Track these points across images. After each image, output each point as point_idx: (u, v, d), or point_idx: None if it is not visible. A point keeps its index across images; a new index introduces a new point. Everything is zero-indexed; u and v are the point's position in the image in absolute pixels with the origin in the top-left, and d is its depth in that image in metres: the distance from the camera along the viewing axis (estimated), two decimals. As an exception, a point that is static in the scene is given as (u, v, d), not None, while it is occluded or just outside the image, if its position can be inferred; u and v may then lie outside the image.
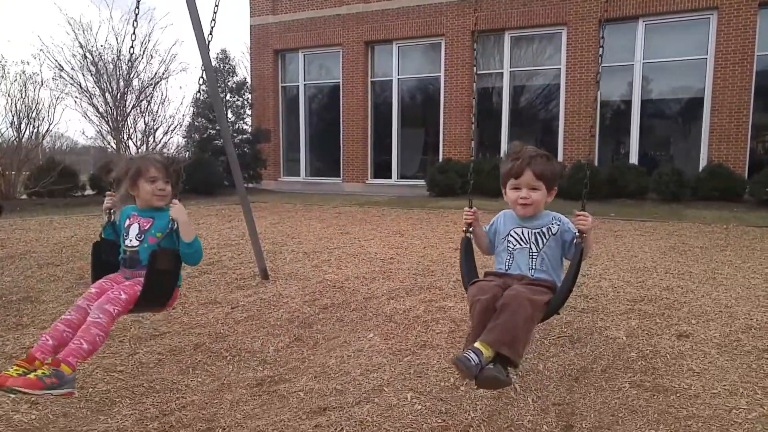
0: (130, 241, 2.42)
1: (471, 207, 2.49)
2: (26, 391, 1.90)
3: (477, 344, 1.98)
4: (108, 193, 2.56)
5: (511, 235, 2.37)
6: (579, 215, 2.24)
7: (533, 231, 2.33)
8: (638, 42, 12.52)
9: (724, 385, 2.57)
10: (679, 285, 4.42)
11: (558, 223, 2.33)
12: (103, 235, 2.53)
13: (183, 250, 2.36)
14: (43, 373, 1.94)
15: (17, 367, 2.00)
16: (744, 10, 11.44)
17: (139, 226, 2.43)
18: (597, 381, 2.65)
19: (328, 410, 2.39)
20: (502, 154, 13.86)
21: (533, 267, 2.29)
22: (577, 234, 2.25)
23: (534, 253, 2.30)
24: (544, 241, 2.31)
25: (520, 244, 2.33)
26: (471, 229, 2.48)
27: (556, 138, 13.38)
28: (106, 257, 2.50)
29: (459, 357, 1.94)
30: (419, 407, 2.40)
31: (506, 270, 2.34)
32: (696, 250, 5.98)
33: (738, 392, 2.50)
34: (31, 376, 1.93)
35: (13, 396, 2.15)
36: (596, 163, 12.43)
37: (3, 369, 2.77)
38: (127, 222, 2.47)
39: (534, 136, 14.22)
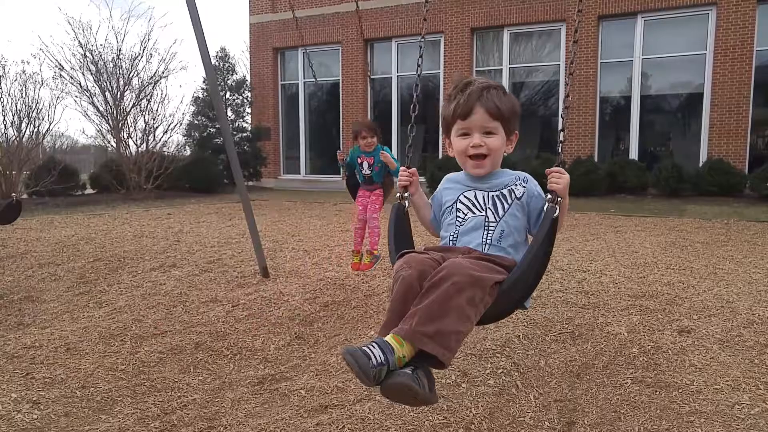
0: (366, 170, 4.39)
1: (409, 167, 1.96)
2: (366, 271, 4.47)
3: (388, 337, 1.41)
4: (339, 151, 4.62)
5: (460, 201, 1.78)
6: (552, 171, 1.67)
7: (490, 193, 1.75)
8: (637, 38, 12.50)
9: (727, 381, 2.57)
10: (680, 280, 4.41)
11: (524, 183, 1.75)
12: (346, 172, 4.53)
13: (393, 173, 4.25)
14: (369, 259, 4.40)
15: (355, 257, 4.47)
16: (743, 6, 11.41)
17: (368, 163, 4.36)
18: (598, 377, 2.65)
19: (329, 408, 2.39)
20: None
21: (487, 241, 1.69)
22: (548, 198, 1.65)
23: (491, 223, 1.71)
24: (505, 206, 1.72)
25: (473, 211, 1.74)
26: (407, 194, 1.93)
27: (556, 134, 13.35)
28: (352, 181, 4.54)
29: (352, 350, 1.34)
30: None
31: (452, 244, 1.75)
32: (697, 245, 5.98)
33: (740, 387, 2.50)
34: (366, 261, 4.42)
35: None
36: (596, 159, 12.42)
37: (4, 369, 2.78)
38: (359, 160, 4.39)
39: (534, 133, 14.20)
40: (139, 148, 13.29)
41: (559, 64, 13.37)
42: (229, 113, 15.88)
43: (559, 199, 1.64)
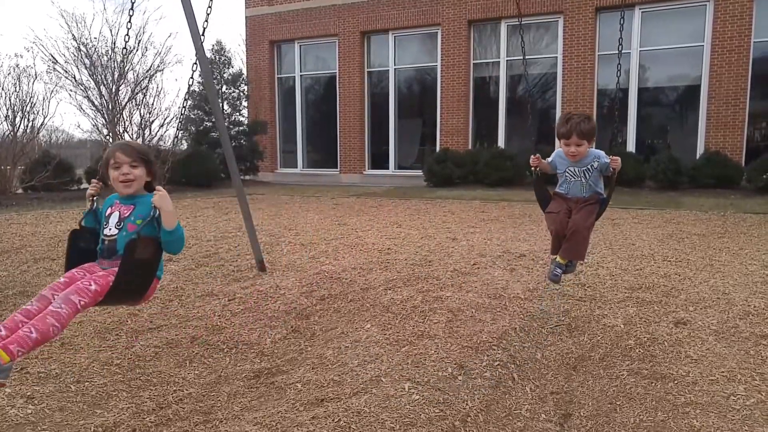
0: (109, 229, 2.29)
1: (535, 154, 3.29)
2: None
3: (558, 258, 3.17)
4: (93, 180, 2.43)
5: (567, 172, 3.25)
6: (613, 159, 3.12)
7: (581, 169, 3.20)
8: (634, 30, 12.45)
9: (722, 372, 2.57)
10: (677, 272, 4.42)
11: (597, 160, 3.19)
12: (83, 223, 2.37)
13: (164, 238, 2.24)
14: None
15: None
16: (741, -3, 11.38)
17: (119, 214, 2.31)
18: (595, 369, 2.65)
19: (325, 401, 2.38)
20: (500, 144, 13.84)
21: (584, 191, 3.23)
22: (611, 169, 3.13)
23: (584, 183, 3.22)
24: (589, 174, 3.20)
25: (574, 178, 3.24)
26: (538, 169, 3.32)
27: (554, 127, 13.33)
28: (85, 245, 2.35)
29: (551, 276, 3.18)
30: (417, 397, 2.39)
31: (566, 193, 3.27)
32: (693, 237, 5.98)
33: (736, 379, 2.50)
34: None
35: None
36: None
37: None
38: (109, 210, 2.35)
39: (531, 125, 14.17)
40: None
41: (556, 57, 13.33)
42: (226, 107, 15.80)
43: (616, 170, 3.16)
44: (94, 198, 2.41)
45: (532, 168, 3.36)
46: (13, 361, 1.85)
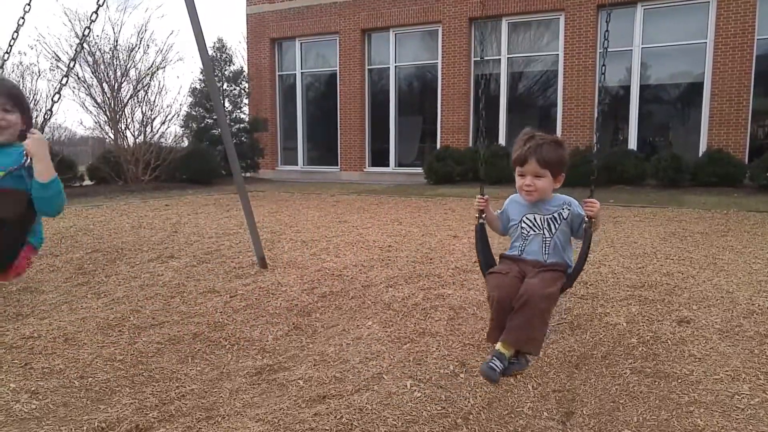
0: None
1: (483, 194, 2.57)
2: None
3: (499, 346, 2.23)
4: None
5: (524, 221, 2.48)
6: (587, 202, 2.36)
7: (545, 217, 2.42)
8: (637, 27, 12.42)
9: (726, 371, 2.56)
10: (680, 271, 4.41)
11: (568, 207, 2.42)
12: None
13: (36, 194, 1.85)
14: None
15: None
16: (744, -6, 11.34)
17: None
18: (597, 367, 2.65)
19: (327, 398, 2.38)
20: (500, 141, 13.80)
21: (547, 252, 2.41)
22: (586, 220, 2.36)
23: (547, 239, 2.42)
24: (556, 226, 2.41)
25: (534, 230, 2.45)
26: (484, 215, 2.57)
27: (555, 124, 13.32)
28: None
29: (484, 368, 2.21)
30: (419, 395, 2.39)
31: (520, 254, 2.45)
32: (696, 235, 5.97)
33: (740, 378, 2.50)
34: None
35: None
36: (594, 150, 12.37)
37: (3, 359, 2.77)
38: None
39: (532, 123, 14.15)
40: (137, 140, 13.22)
41: (557, 54, 13.30)
42: (227, 104, 15.79)
43: (593, 220, 2.36)
44: None
45: (477, 212, 2.57)
46: None
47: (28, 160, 1.83)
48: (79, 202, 9.82)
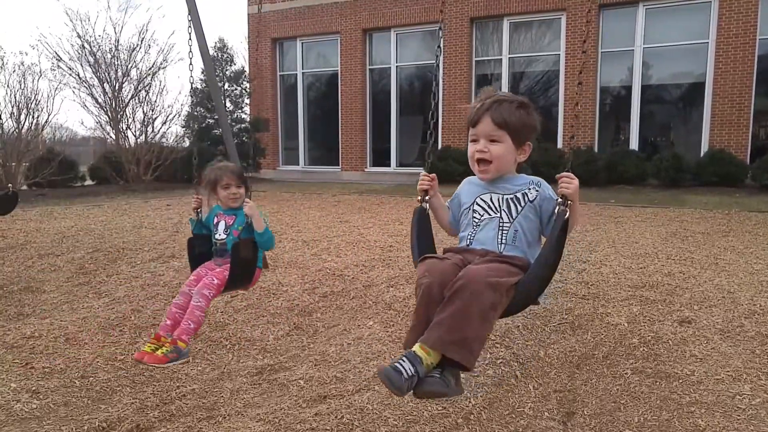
0: (219, 235, 2.99)
1: (429, 172, 2.06)
2: (157, 365, 2.65)
3: (415, 347, 1.57)
4: (195, 195, 3.08)
5: (477, 203, 1.91)
6: (562, 177, 1.78)
7: (505, 196, 1.86)
8: (638, 27, 12.40)
9: (728, 371, 2.56)
10: (681, 271, 4.40)
11: (537, 187, 1.85)
12: (194, 232, 3.08)
13: (257, 239, 2.88)
14: (167, 350, 2.69)
15: (150, 344, 2.74)
16: (746, -6, 11.32)
17: (225, 223, 2.99)
18: (598, 368, 2.64)
19: (328, 398, 2.38)
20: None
21: (503, 241, 1.81)
22: (559, 200, 1.77)
23: (505, 224, 1.82)
24: (519, 208, 1.83)
25: (489, 213, 1.86)
26: (427, 198, 2.05)
27: (556, 124, 13.30)
28: (199, 249, 3.05)
29: (384, 370, 1.52)
30: (420, 394, 2.38)
31: (468, 245, 1.87)
32: (698, 235, 5.96)
33: (741, 378, 2.49)
34: (159, 353, 2.67)
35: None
36: (596, 149, 12.38)
37: (4, 359, 2.78)
38: (215, 219, 3.03)
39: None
40: (138, 140, 13.24)
41: (559, 54, 13.28)
42: (228, 104, 15.79)
43: (569, 202, 1.75)
44: (198, 210, 3.08)
45: (420, 195, 2.06)
46: (188, 346, 2.78)
47: (249, 219, 2.88)
48: (81, 202, 9.84)
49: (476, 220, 1.89)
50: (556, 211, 1.77)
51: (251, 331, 3.23)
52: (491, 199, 1.89)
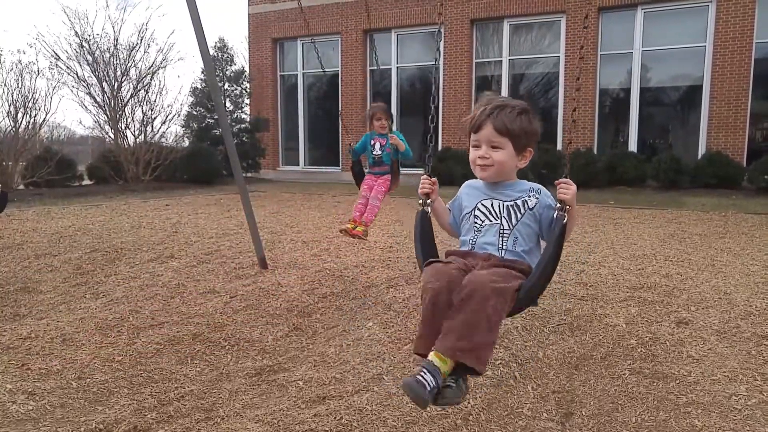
0: (376, 151, 4.42)
1: (432, 176, 2.11)
2: (358, 237, 4.24)
3: (432, 357, 1.64)
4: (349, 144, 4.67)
5: (478, 209, 1.97)
6: (560, 183, 1.85)
7: (505, 203, 1.93)
8: (637, 30, 12.43)
9: (724, 372, 2.57)
10: (679, 272, 4.41)
11: (537, 195, 1.93)
12: (353, 159, 4.58)
13: (403, 154, 4.31)
14: (362, 229, 4.20)
15: (350, 224, 4.23)
16: (743, -3, 11.35)
17: (380, 144, 4.41)
18: (597, 368, 2.65)
19: (327, 399, 2.38)
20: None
21: (503, 247, 1.89)
22: (557, 205, 1.85)
23: (505, 231, 1.90)
24: (518, 216, 1.91)
25: (489, 219, 1.93)
26: (429, 201, 2.09)
27: (556, 126, 13.33)
28: (358, 169, 4.61)
29: (409, 383, 1.58)
30: (418, 395, 2.39)
31: (470, 249, 1.95)
32: (695, 237, 5.97)
33: (737, 379, 2.50)
34: (359, 229, 4.18)
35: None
36: (595, 151, 12.41)
37: (0, 360, 2.77)
38: (372, 141, 4.45)
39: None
40: (137, 139, 13.22)
41: (558, 56, 13.31)
42: (228, 104, 15.79)
43: (567, 207, 1.82)
44: (351, 144, 4.67)
45: (421, 200, 2.10)
46: (370, 224, 4.32)
47: (395, 145, 4.31)
48: (78, 201, 9.83)
49: (477, 226, 1.97)
50: (554, 216, 1.85)
51: (250, 332, 3.23)
52: (492, 205, 1.96)
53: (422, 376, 1.59)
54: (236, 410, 2.32)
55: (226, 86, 15.76)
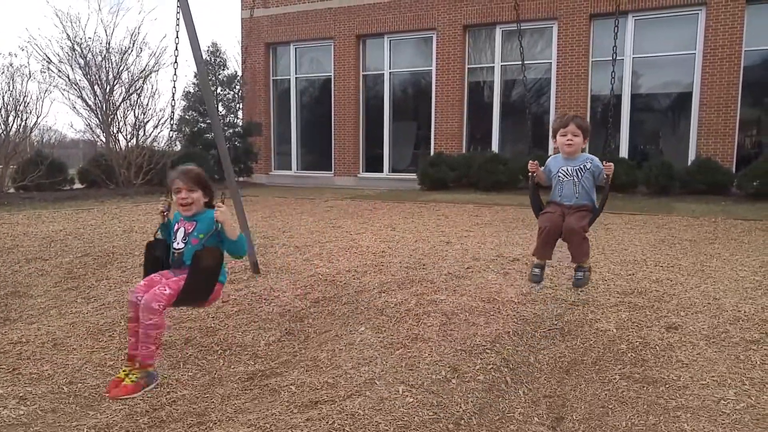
0: (177, 243, 2.76)
1: (534, 160, 3.36)
2: (132, 396, 2.44)
3: (536, 259, 3.35)
4: (162, 198, 2.90)
5: (560, 171, 3.29)
6: (606, 165, 3.17)
7: (574, 168, 3.24)
8: (628, 37, 12.56)
9: (713, 376, 2.60)
10: (669, 278, 4.45)
11: (590, 161, 3.24)
12: (158, 235, 2.87)
13: (228, 247, 2.69)
14: (137, 377, 2.50)
15: (125, 369, 2.55)
16: (732, 6, 11.50)
17: (185, 230, 2.74)
18: (587, 373, 2.67)
19: (319, 404, 2.39)
20: (494, 148, 13.90)
21: (577, 193, 3.25)
22: (605, 176, 3.18)
23: (576, 182, 3.24)
24: (582, 174, 3.23)
25: (567, 177, 3.27)
26: (535, 175, 3.36)
27: (548, 131, 13.41)
28: (159, 254, 2.81)
29: (532, 277, 3.34)
30: (411, 400, 2.40)
31: (559, 198, 3.30)
32: (685, 243, 6.03)
33: (726, 383, 2.53)
34: (128, 381, 2.48)
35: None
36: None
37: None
38: (176, 226, 2.80)
39: (525, 130, 14.24)
40: (129, 143, 13.16)
41: (550, 62, 13.41)
42: (220, 108, 15.76)
43: (609, 177, 3.20)
44: (165, 213, 2.85)
45: (530, 173, 3.39)
46: (155, 367, 2.57)
47: (219, 226, 2.63)
48: (70, 205, 9.77)
49: (560, 180, 3.30)
50: (602, 181, 3.22)
51: (242, 337, 3.22)
52: (567, 169, 3.28)
53: (535, 272, 3.33)
54: (228, 415, 2.32)
55: (218, 90, 15.73)
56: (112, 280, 4.44)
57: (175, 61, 3.50)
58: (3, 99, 11.32)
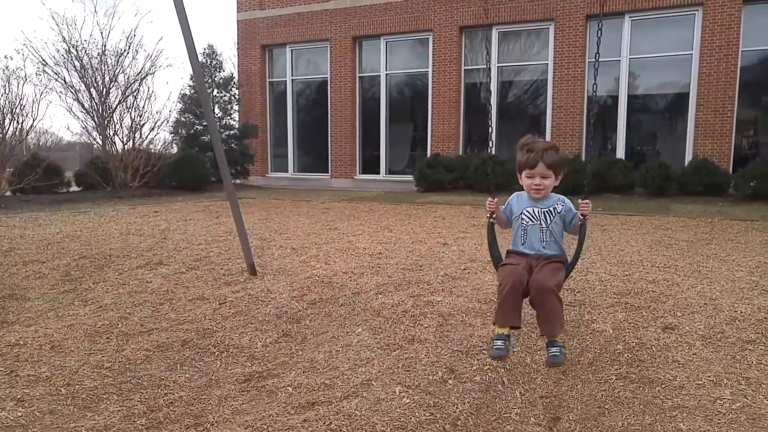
0: None
1: (493, 198, 2.89)
2: None
3: (498, 330, 2.69)
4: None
5: (524, 213, 2.81)
6: (582, 203, 2.74)
7: (542, 210, 2.78)
8: (624, 37, 12.61)
9: (709, 377, 2.61)
10: (665, 278, 4.47)
11: (562, 203, 2.80)
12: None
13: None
14: None
15: None
16: (729, 6, 11.55)
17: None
18: (584, 373, 2.68)
19: (316, 405, 2.39)
20: (490, 150, 13.91)
21: (544, 240, 2.78)
22: (580, 217, 2.74)
23: (543, 228, 2.77)
24: (551, 218, 2.78)
25: (532, 221, 2.79)
26: (494, 215, 2.90)
27: (544, 133, 13.45)
28: None
29: (494, 351, 2.68)
30: (407, 401, 2.40)
31: (522, 247, 2.82)
32: (682, 243, 6.05)
33: (722, 383, 2.54)
34: None
35: None
36: (583, 158, 12.53)
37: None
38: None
39: (523, 132, 14.28)
40: (126, 146, 13.14)
41: (547, 63, 13.45)
42: (217, 111, 15.76)
43: (586, 217, 2.76)
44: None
45: (487, 213, 2.95)
46: None
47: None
48: (66, 208, 9.75)
49: (524, 224, 2.81)
50: (578, 223, 2.75)
51: (239, 338, 3.22)
52: (533, 211, 2.79)
53: (498, 345, 2.66)
54: (225, 416, 2.31)
55: (215, 93, 15.74)
56: (109, 283, 4.44)
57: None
58: (-1, 102, 11.30)
